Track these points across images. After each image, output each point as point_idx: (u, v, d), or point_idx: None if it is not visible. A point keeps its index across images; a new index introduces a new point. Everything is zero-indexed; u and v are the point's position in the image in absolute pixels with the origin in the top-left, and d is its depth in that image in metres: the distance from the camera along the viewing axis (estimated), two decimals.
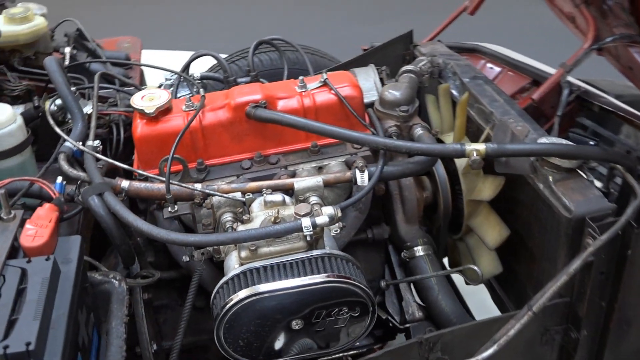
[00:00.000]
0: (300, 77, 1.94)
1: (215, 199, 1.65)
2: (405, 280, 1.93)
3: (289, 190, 1.74)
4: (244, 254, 1.42)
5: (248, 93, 1.87)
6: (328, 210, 1.49)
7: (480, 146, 1.64)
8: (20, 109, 2.11)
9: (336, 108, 1.92)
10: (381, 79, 2.18)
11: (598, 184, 1.76)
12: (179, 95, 2.30)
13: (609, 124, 2.72)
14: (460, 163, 1.90)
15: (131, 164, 1.88)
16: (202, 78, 2.36)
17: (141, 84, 2.84)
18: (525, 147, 1.62)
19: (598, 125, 2.66)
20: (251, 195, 1.63)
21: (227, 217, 1.64)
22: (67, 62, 2.42)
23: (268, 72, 2.85)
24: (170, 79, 2.35)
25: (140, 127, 1.84)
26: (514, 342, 1.51)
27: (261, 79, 2.22)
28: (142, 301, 1.79)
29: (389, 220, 2.02)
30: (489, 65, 3.18)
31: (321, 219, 1.43)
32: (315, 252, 1.43)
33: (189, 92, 2.31)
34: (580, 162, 1.66)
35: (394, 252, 2.10)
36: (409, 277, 1.92)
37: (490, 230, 1.86)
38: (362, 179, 1.74)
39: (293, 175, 1.85)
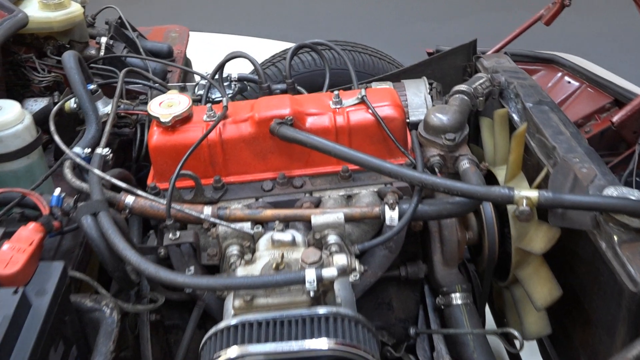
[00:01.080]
0: (336, 92, 1.72)
1: (221, 229, 1.47)
2: (439, 332, 1.70)
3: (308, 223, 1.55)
4: (238, 303, 1.24)
5: (275, 106, 1.68)
6: (340, 260, 1.28)
7: (532, 193, 1.37)
8: (44, 102, 2.01)
9: (373, 129, 1.69)
10: (430, 96, 1.93)
11: None
12: (213, 97, 2.14)
13: None
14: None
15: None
16: (240, 79, 2.19)
17: (184, 80, 2.70)
18: (587, 200, 1.35)
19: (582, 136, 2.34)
20: (260, 229, 1.44)
21: (233, 250, 1.46)
22: (102, 53, 2.29)
23: (309, 74, 2.66)
24: (209, 74, 2.19)
25: (155, 136, 1.68)
26: None
27: (298, 87, 2.02)
28: (149, 323, 1.65)
29: (426, 259, 1.79)
30: (566, 78, 2.86)
31: (329, 272, 1.22)
32: (320, 310, 1.22)
33: (229, 92, 2.15)
34: None
35: (430, 293, 1.87)
36: (442, 330, 1.69)
37: (540, 288, 1.60)
38: (392, 217, 1.51)
39: (318, 202, 1.65)
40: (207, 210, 1.54)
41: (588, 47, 3.57)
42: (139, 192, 1.51)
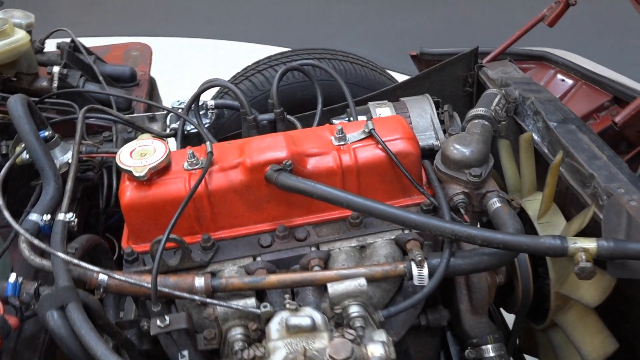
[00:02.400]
0: (339, 126, 1.47)
1: (220, 309, 1.22)
2: None
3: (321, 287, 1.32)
4: None
5: (269, 149, 1.42)
6: (377, 351, 1.05)
7: (590, 244, 1.16)
8: None
9: (384, 167, 1.46)
10: (441, 120, 1.70)
11: None
12: (187, 128, 1.87)
13: None
14: None
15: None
16: (218, 107, 1.92)
17: (152, 99, 2.42)
18: None
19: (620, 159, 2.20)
20: (269, 307, 1.19)
21: (237, 334, 1.21)
22: (55, 85, 1.99)
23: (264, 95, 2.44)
24: (182, 103, 1.92)
25: (129, 193, 1.41)
26: None
27: (288, 117, 1.76)
28: None
29: (449, 304, 1.57)
30: (559, 76, 2.68)
31: None
32: None
33: (206, 122, 1.88)
34: None
35: (454, 341, 1.65)
36: None
37: (589, 339, 1.39)
38: (421, 276, 1.28)
39: (327, 258, 1.41)
40: (199, 281, 1.28)
41: (578, 42, 3.39)
42: (116, 274, 1.24)
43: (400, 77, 2.84)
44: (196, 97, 1.76)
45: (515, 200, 1.44)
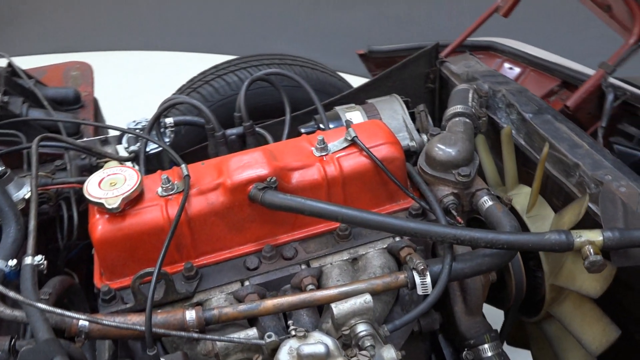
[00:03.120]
0: (320, 136, 1.41)
1: (220, 344, 1.13)
2: None
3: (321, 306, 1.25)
4: None
5: (249, 166, 1.34)
6: None
7: (596, 236, 1.15)
8: None
9: (370, 175, 1.41)
10: (414, 119, 1.66)
11: None
12: (147, 149, 1.75)
13: None
14: None
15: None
16: (179, 124, 1.81)
17: (96, 120, 2.27)
18: None
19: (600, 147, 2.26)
20: (273, 337, 1.11)
21: None
22: None
23: (227, 100, 2.35)
24: (139, 123, 1.80)
25: (101, 227, 1.30)
26: None
27: (258, 129, 1.68)
28: None
29: (441, 307, 1.53)
30: (507, 65, 2.69)
31: None
32: None
33: (167, 141, 1.77)
34: None
35: (446, 344, 1.62)
36: None
37: (589, 328, 1.38)
38: (424, 284, 1.23)
39: (319, 274, 1.34)
40: (190, 315, 1.19)
41: (533, 33, 3.42)
42: (99, 318, 1.13)
43: (350, 78, 2.80)
44: (158, 117, 1.65)
45: (506, 196, 1.42)
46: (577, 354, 1.46)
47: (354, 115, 1.74)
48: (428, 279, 1.24)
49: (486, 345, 1.46)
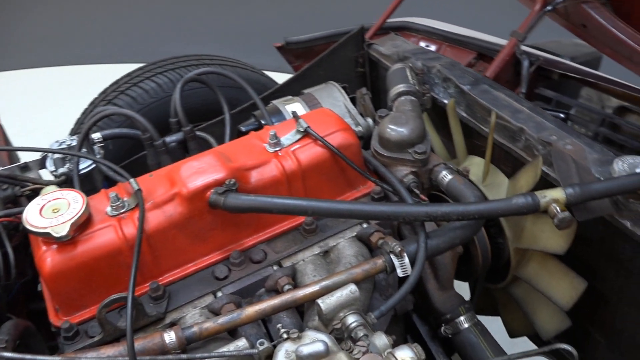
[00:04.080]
0: (271, 131, 1.36)
1: None
2: None
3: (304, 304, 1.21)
4: None
5: (204, 172, 1.27)
6: (406, 356, 0.97)
7: (559, 194, 1.18)
8: None
9: (328, 164, 1.37)
10: (354, 104, 1.65)
11: None
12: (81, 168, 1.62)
13: (567, 89, 2.44)
14: None
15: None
16: (107, 138, 1.70)
17: (10, 154, 2.09)
18: (618, 184, 1.18)
19: (560, 95, 2.37)
20: (266, 344, 1.06)
21: None
22: None
23: (158, 103, 2.24)
24: (63, 142, 1.66)
25: (50, 259, 1.18)
26: None
27: (199, 133, 1.61)
28: None
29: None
30: (423, 43, 2.74)
31: None
32: None
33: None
34: None
35: (421, 322, 1.62)
36: None
37: (557, 284, 1.43)
38: (404, 266, 1.22)
39: (293, 273, 1.30)
40: (169, 337, 1.11)
41: (432, 8, 3.48)
42: (75, 356, 1.03)
43: (272, 76, 2.75)
44: (88, 131, 1.53)
45: (463, 167, 1.43)
46: (547, 311, 1.50)
47: (294, 106, 1.70)
48: (406, 260, 1.23)
49: (462, 318, 1.48)
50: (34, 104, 4.40)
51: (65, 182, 1.61)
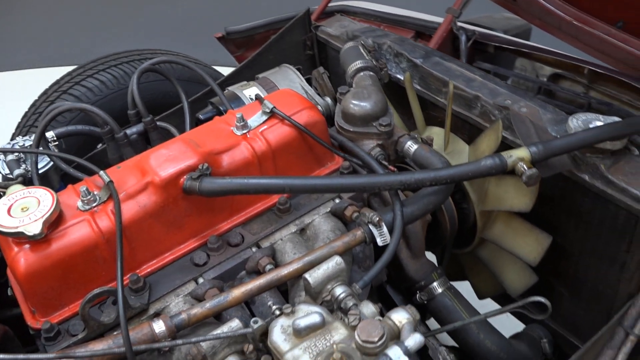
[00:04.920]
0: (238, 114, 1.36)
1: (206, 344, 1.06)
2: (442, 330, 1.50)
3: (288, 281, 1.22)
4: None
5: (175, 159, 1.26)
6: (402, 317, 1.00)
7: (523, 153, 1.24)
8: None
9: (297, 143, 1.39)
10: (316, 85, 1.66)
11: None
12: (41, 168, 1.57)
13: (502, 61, 2.55)
14: None
15: None
16: (60, 137, 1.64)
17: None
18: (576, 140, 1.25)
19: (496, 67, 2.47)
20: (260, 322, 1.06)
21: None
22: None
23: (115, 94, 2.19)
24: (15, 144, 1.60)
25: (24, 260, 1.15)
26: None
27: (160, 123, 1.58)
28: None
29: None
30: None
31: (414, 341, 0.93)
32: None
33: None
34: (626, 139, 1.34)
35: (394, 292, 1.66)
36: (445, 327, 1.49)
37: (523, 241, 1.50)
38: (383, 235, 1.25)
39: (273, 253, 1.31)
40: (158, 326, 1.10)
41: None
42: (70, 352, 1.01)
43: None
44: (45, 128, 1.47)
45: (427, 136, 1.48)
46: (514, 269, 1.57)
47: (251, 91, 1.70)
48: (385, 229, 1.26)
49: (435, 283, 1.52)
50: None
51: (22, 183, 1.55)
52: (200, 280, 1.26)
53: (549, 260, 1.53)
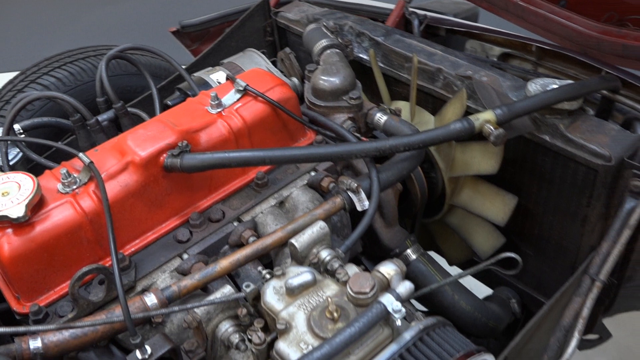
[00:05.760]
0: (212, 93, 1.38)
1: (201, 311, 1.08)
2: (419, 293, 1.56)
3: (273, 250, 1.26)
4: None
5: (154, 138, 1.28)
6: (389, 269, 1.05)
7: (488, 115, 1.31)
8: None
9: (271, 119, 1.42)
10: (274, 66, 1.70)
11: None
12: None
13: (453, 43, 2.63)
14: None
15: None
16: (27, 129, 1.62)
17: None
18: (535, 101, 1.33)
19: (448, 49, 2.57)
20: (252, 286, 1.09)
21: (228, 328, 1.10)
22: None
23: (83, 86, 2.16)
24: None
25: (8, 244, 1.14)
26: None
27: (131, 109, 1.58)
28: None
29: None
30: None
31: (404, 288, 0.98)
32: (407, 336, 0.99)
33: (17, 151, 1.57)
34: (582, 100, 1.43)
35: (369, 263, 1.72)
36: (421, 291, 1.55)
37: (490, 204, 1.57)
38: (361, 200, 1.30)
39: (254, 226, 1.33)
40: (150, 299, 1.11)
41: None
42: (65, 325, 1.01)
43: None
44: (14, 119, 1.46)
45: (396, 107, 1.53)
46: (482, 232, 1.65)
47: (218, 75, 1.72)
48: (363, 194, 1.31)
49: (409, 250, 1.58)
50: None
51: None
52: (185, 256, 1.28)
53: (515, 222, 1.62)
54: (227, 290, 1.11)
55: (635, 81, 1.62)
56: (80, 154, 1.24)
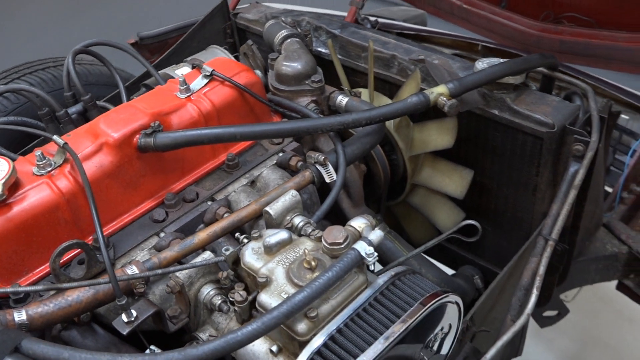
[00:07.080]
0: (180, 78, 1.44)
1: (182, 274, 1.13)
2: (387, 268, 1.63)
3: (247, 223, 1.31)
4: (304, 326, 0.97)
5: (127, 120, 1.32)
6: (360, 222, 1.12)
7: (442, 89, 1.41)
8: None
9: (238, 103, 1.48)
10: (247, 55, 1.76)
11: None
12: None
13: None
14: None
15: None
16: None
17: None
18: (483, 75, 1.43)
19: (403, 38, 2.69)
20: (231, 249, 1.14)
21: (209, 291, 1.14)
22: None
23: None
24: None
25: None
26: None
27: (99, 102, 1.62)
28: None
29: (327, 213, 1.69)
30: None
31: (375, 235, 1.05)
32: (380, 280, 1.06)
33: None
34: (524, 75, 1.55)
35: None
36: (388, 266, 1.62)
37: (449, 179, 1.67)
38: (329, 172, 1.37)
39: (228, 204, 1.39)
40: (132, 270, 1.15)
41: None
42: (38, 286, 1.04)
43: None
44: None
45: (356, 90, 1.62)
46: (443, 208, 1.74)
47: (183, 70, 1.76)
48: (330, 167, 1.38)
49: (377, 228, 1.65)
50: None
51: None
52: (162, 234, 1.31)
53: (472, 198, 1.71)
54: (207, 255, 1.15)
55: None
56: (55, 137, 1.27)
